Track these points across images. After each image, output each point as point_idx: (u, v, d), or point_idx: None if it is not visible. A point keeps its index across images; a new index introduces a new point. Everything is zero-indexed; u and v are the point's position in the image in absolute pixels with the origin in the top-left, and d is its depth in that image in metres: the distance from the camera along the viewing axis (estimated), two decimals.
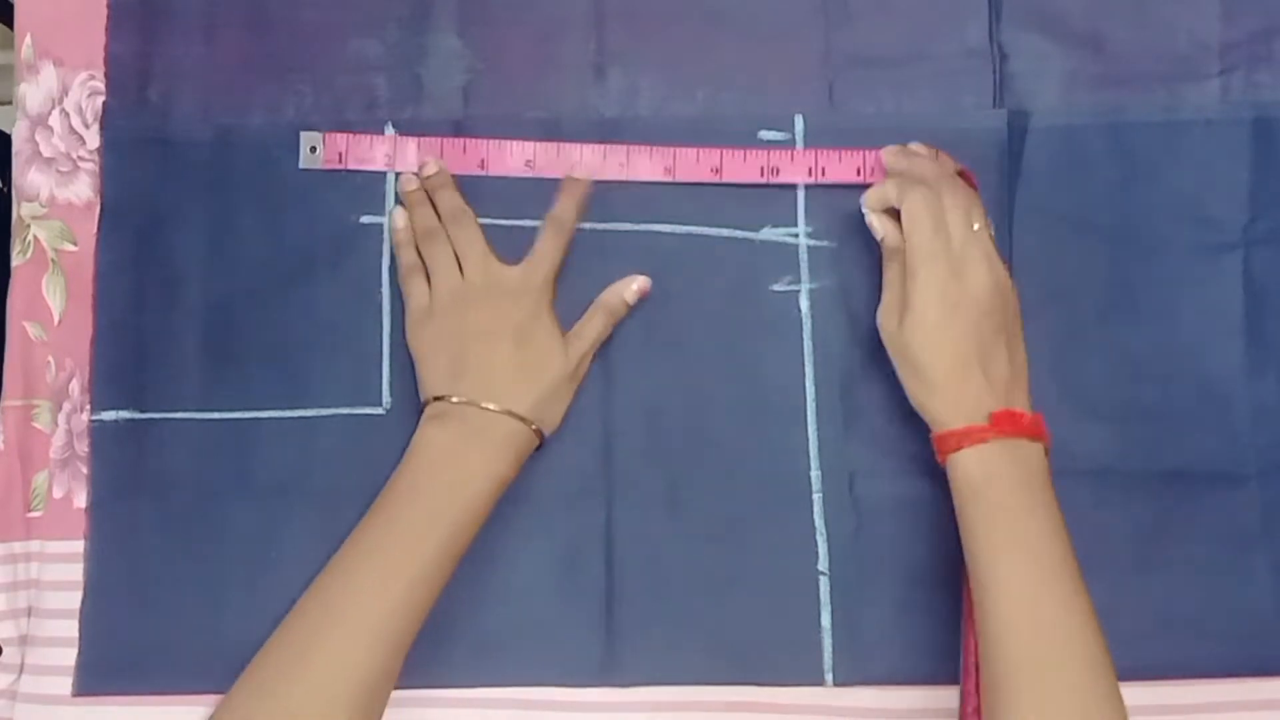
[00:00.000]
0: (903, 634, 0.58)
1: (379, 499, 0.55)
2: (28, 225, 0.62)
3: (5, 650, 0.59)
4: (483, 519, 0.55)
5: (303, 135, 0.61)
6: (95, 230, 0.61)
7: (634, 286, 0.59)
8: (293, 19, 0.62)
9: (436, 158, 0.61)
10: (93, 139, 0.62)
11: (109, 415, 0.60)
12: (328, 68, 0.62)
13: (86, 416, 0.60)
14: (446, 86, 0.62)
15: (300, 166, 0.61)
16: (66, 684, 0.58)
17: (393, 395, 0.60)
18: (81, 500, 0.60)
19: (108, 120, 0.62)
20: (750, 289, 0.60)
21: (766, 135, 0.61)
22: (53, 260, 0.61)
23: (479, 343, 0.57)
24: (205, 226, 0.61)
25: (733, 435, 0.60)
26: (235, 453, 0.60)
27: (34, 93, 0.62)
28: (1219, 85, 0.61)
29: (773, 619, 0.58)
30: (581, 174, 0.60)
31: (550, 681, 0.58)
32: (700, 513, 0.59)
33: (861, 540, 0.59)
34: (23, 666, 0.59)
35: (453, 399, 0.56)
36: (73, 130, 0.62)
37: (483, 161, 0.61)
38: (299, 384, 0.60)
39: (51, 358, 0.61)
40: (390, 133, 0.61)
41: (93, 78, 0.62)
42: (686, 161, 0.61)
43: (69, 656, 0.58)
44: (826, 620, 0.58)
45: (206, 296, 0.61)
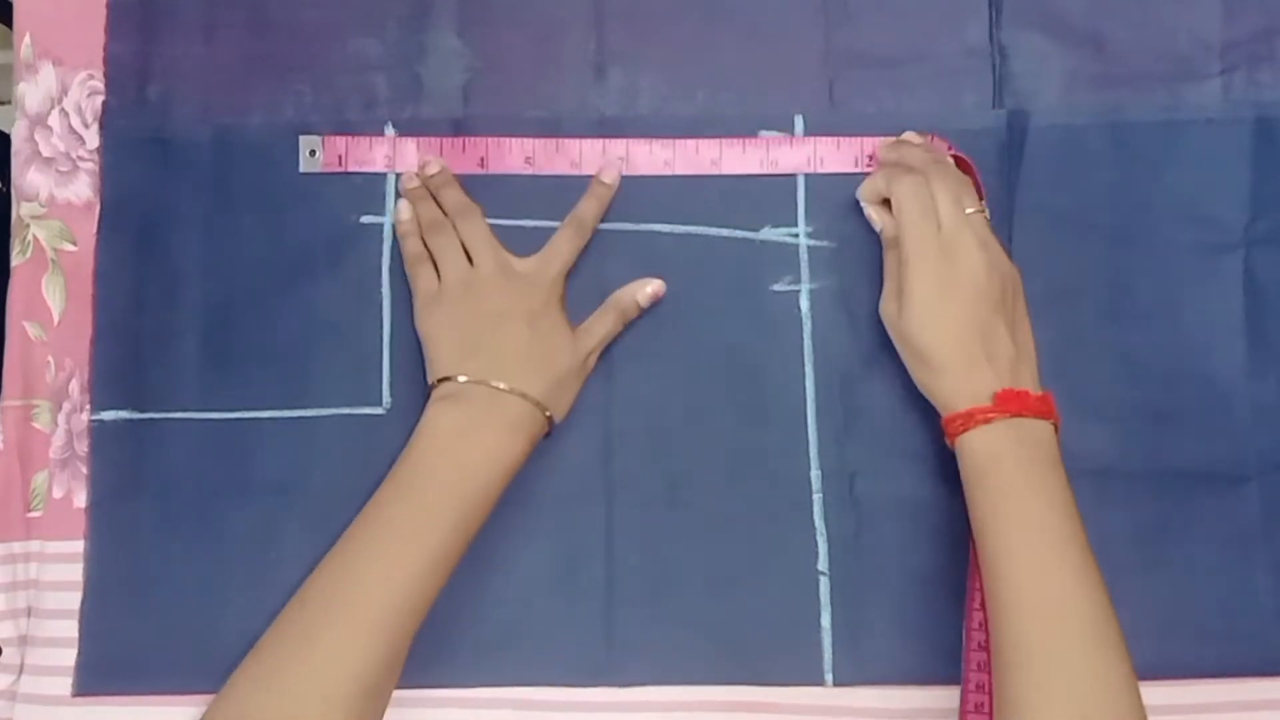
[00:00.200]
0: (903, 634, 0.58)
1: (385, 483, 0.54)
2: (27, 225, 0.62)
3: (5, 650, 0.59)
4: (493, 504, 0.54)
5: (302, 139, 0.61)
6: (95, 230, 0.61)
7: (648, 289, 0.59)
8: (293, 19, 0.62)
9: (437, 155, 0.61)
10: (92, 139, 0.62)
11: (109, 415, 0.60)
12: (327, 67, 0.62)
13: (86, 416, 0.60)
14: (446, 86, 0.62)
15: (300, 170, 0.61)
16: (66, 684, 0.58)
17: (393, 395, 0.60)
18: (81, 500, 0.60)
19: (107, 120, 0.62)
20: (750, 289, 0.60)
21: (766, 135, 0.61)
22: (52, 260, 0.61)
23: (492, 323, 0.56)
24: (205, 226, 0.61)
25: (733, 435, 0.60)
26: (235, 453, 0.60)
27: (33, 92, 0.62)
28: (1220, 85, 0.61)
29: (773, 619, 0.58)
30: (610, 178, 0.60)
31: (550, 681, 0.58)
32: (700, 513, 0.59)
33: (861, 540, 0.59)
34: (23, 666, 0.59)
35: (460, 378, 0.55)
36: (72, 130, 0.62)
37: (482, 159, 0.61)
38: (299, 384, 0.60)
39: (51, 358, 0.61)
40: (390, 133, 0.61)
41: (92, 77, 0.62)
42: (686, 154, 0.61)
43: (69, 656, 0.58)
44: (826, 620, 0.58)
45: (206, 296, 0.61)
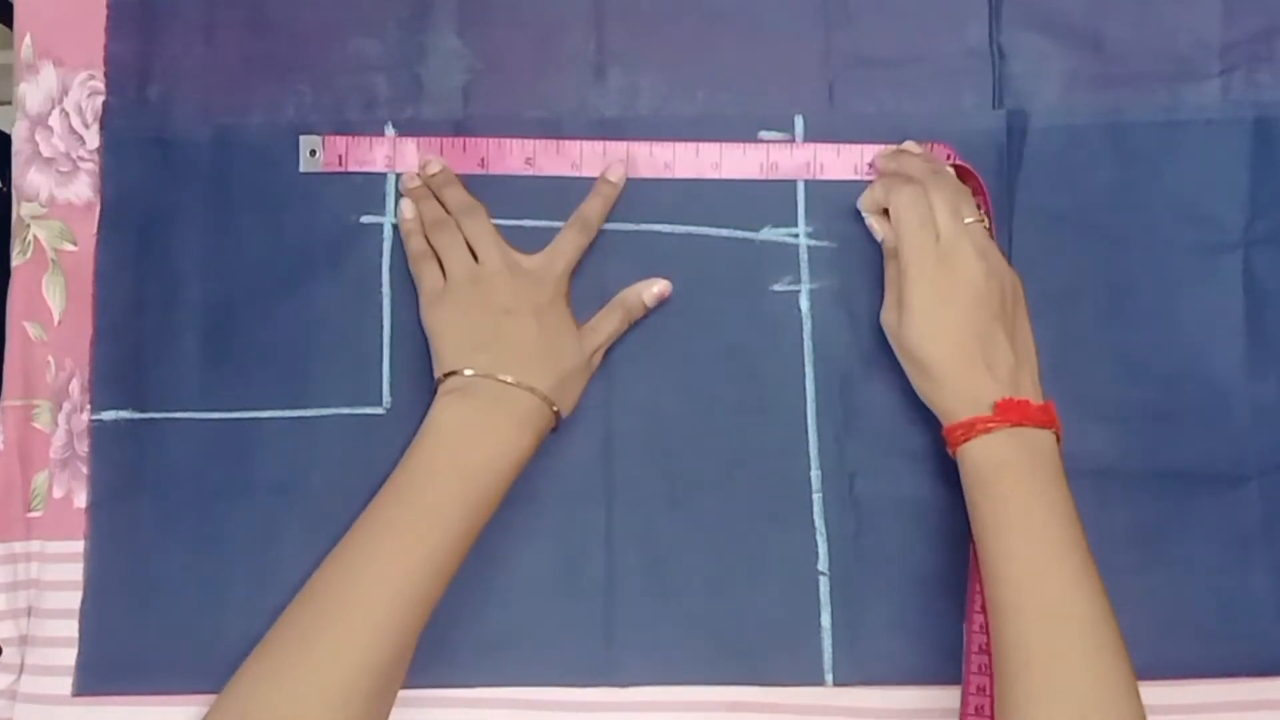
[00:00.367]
0: (903, 634, 0.58)
1: (391, 479, 0.54)
2: (28, 225, 0.62)
3: (5, 650, 0.59)
4: (499, 499, 0.54)
5: (302, 139, 0.61)
6: (95, 230, 0.61)
7: (654, 289, 0.59)
8: (293, 19, 0.62)
9: (437, 155, 0.61)
10: (93, 139, 0.62)
11: (109, 415, 0.60)
12: (327, 67, 0.62)
13: (86, 416, 0.60)
14: (446, 86, 0.62)
15: (300, 170, 0.61)
16: (66, 684, 0.58)
17: (393, 395, 0.60)
18: (81, 500, 0.60)
19: (108, 120, 0.62)
20: (750, 289, 0.60)
21: (766, 135, 0.61)
22: (53, 260, 0.61)
23: (499, 318, 0.56)
24: (205, 226, 0.61)
25: (733, 435, 0.60)
26: (235, 453, 0.60)
27: (34, 93, 0.62)
28: (1219, 85, 0.61)
29: (773, 619, 0.58)
30: (615, 177, 0.60)
31: (550, 681, 0.58)
32: (700, 513, 0.59)
33: (861, 540, 0.59)
34: (23, 666, 0.59)
35: (466, 371, 0.55)
36: (72, 130, 0.62)
37: (483, 160, 0.61)
38: (299, 384, 0.60)
39: (51, 358, 0.61)
40: (390, 133, 0.61)
41: (92, 78, 0.62)
42: (686, 158, 0.61)
43: (69, 656, 0.58)
44: (826, 620, 0.58)
45: (206, 296, 0.61)
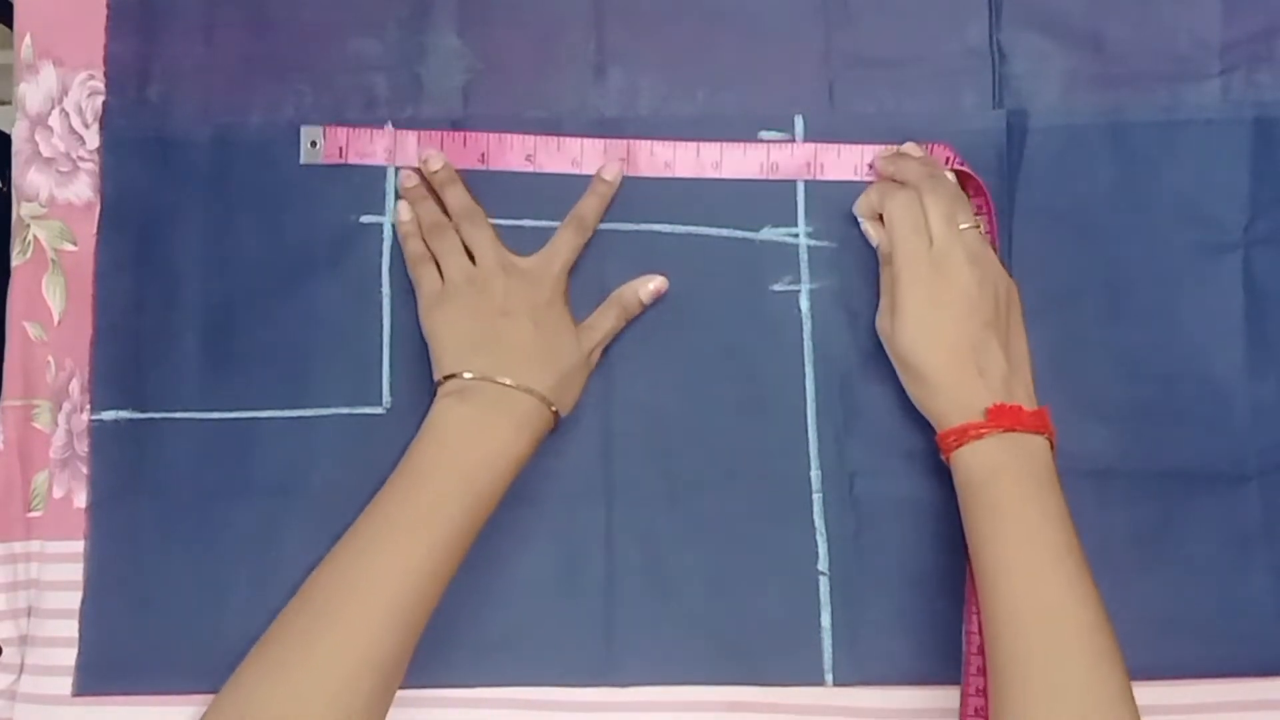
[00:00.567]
0: (903, 634, 0.58)
1: (391, 480, 0.54)
2: (28, 225, 0.62)
3: (5, 650, 0.59)
4: (498, 500, 0.54)
5: (303, 130, 0.61)
6: (95, 230, 0.61)
7: (650, 286, 0.59)
8: (292, 19, 0.62)
9: (439, 151, 0.61)
10: (93, 139, 0.62)
11: (109, 415, 0.60)
12: (327, 67, 0.62)
13: (86, 416, 0.60)
14: (446, 86, 0.62)
15: (301, 162, 0.61)
16: (66, 684, 0.58)
17: (393, 395, 0.60)
18: (81, 500, 0.60)
19: (108, 120, 0.62)
20: (750, 289, 0.60)
21: (766, 135, 0.61)
22: (53, 260, 0.61)
23: (497, 320, 0.56)
24: (205, 226, 0.61)
25: (733, 435, 0.60)
26: (235, 453, 0.60)
27: (34, 93, 0.62)
28: (1219, 85, 0.61)
29: (773, 619, 0.58)
30: (611, 175, 0.60)
31: (550, 681, 0.58)
32: (700, 513, 0.59)
33: (861, 540, 0.59)
34: (23, 666, 0.59)
35: (465, 374, 0.55)
36: (72, 130, 0.62)
37: (483, 156, 0.61)
38: (299, 384, 0.60)
39: (51, 358, 0.61)
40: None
41: (92, 78, 0.62)
42: (686, 157, 0.61)
43: (69, 656, 0.58)
44: (826, 620, 0.58)
45: (206, 296, 0.61)
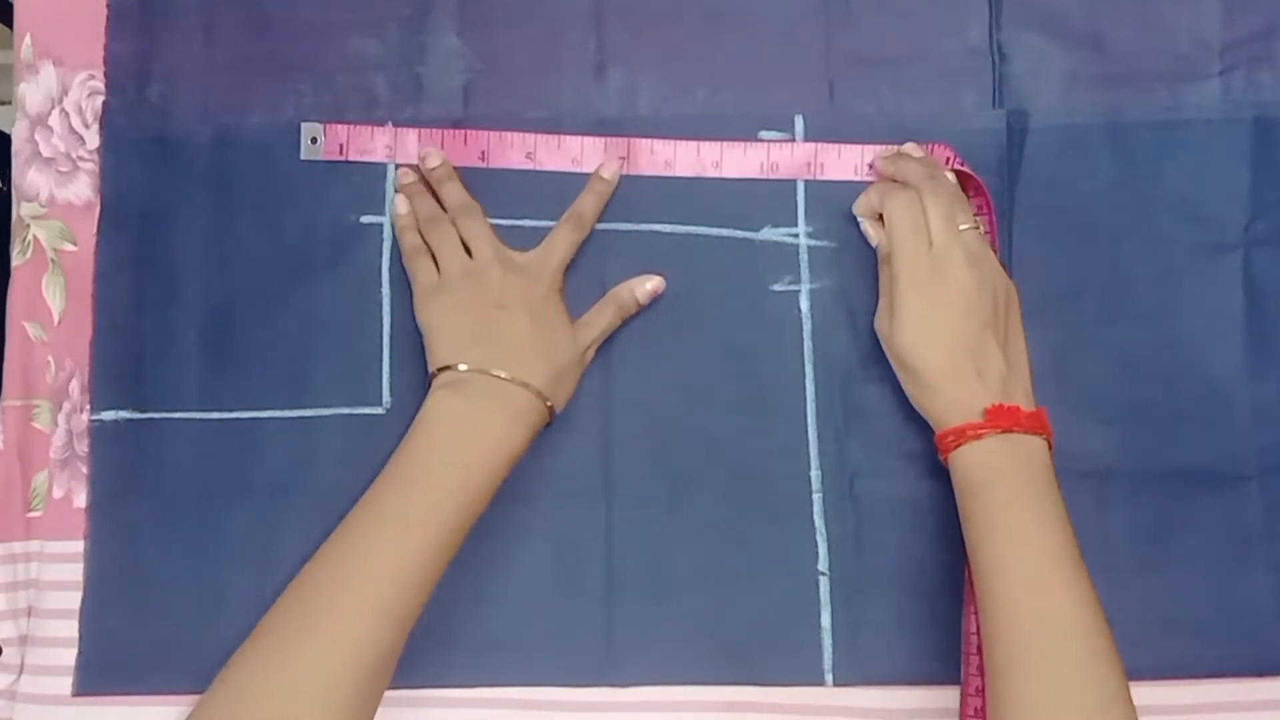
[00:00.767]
0: (903, 634, 0.58)
1: (385, 472, 0.53)
2: (27, 225, 0.62)
3: (5, 650, 0.59)
4: (493, 493, 0.54)
5: (304, 126, 0.61)
6: (95, 230, 0.61)
7: (648, 286, 0.59)
8: (292, 18, 0.62)
9: (437, 148, 0.61)
10: (92, 139, 0.62)
11: (109, 415, 0.60)
12: (327, 67, 0.62)
13: (86, 416, 0.60)
14: (446, 86, 0.62)
15: (301, 158, 0.61)
16: (66, 684, 0.58)
17: (393, 395, 0.60)
18: (81, 500, 0.60)
19: (107, 120, 0.62)
20: (750, 289, 0.60)
21: (767, 135, 0.61)
22: (53, 260, 0.61)
23: (493, 313, 0.56)
24: (205, 226, 0.61)
25: (733, 435, 0.60)
26: (235, 453, 0.60)
27: (34, 93, 0.62)
28: (1219, 85, 0.61)
29: (773, 619, 0.58)
30: (609, 173, 0.60)
31: (550, 681, 0.58)
32: (700, 513, 0.59)
33: (861, 540, 0.59)
34: (23, 666, 0.59)
35: (460, 366, 0.55)
36: (72, 130, 0.62)
37: (483, 154, 0.61)
38: (299, 384, 0.60)
39: (51, 358, 0.61)
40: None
41: (92, 78, 0.62)
42: (687, 155, 0.61)
43: (69, 656, 0.59)
44: (826, 620, 0.58)
45: (206, 296, 0.61)
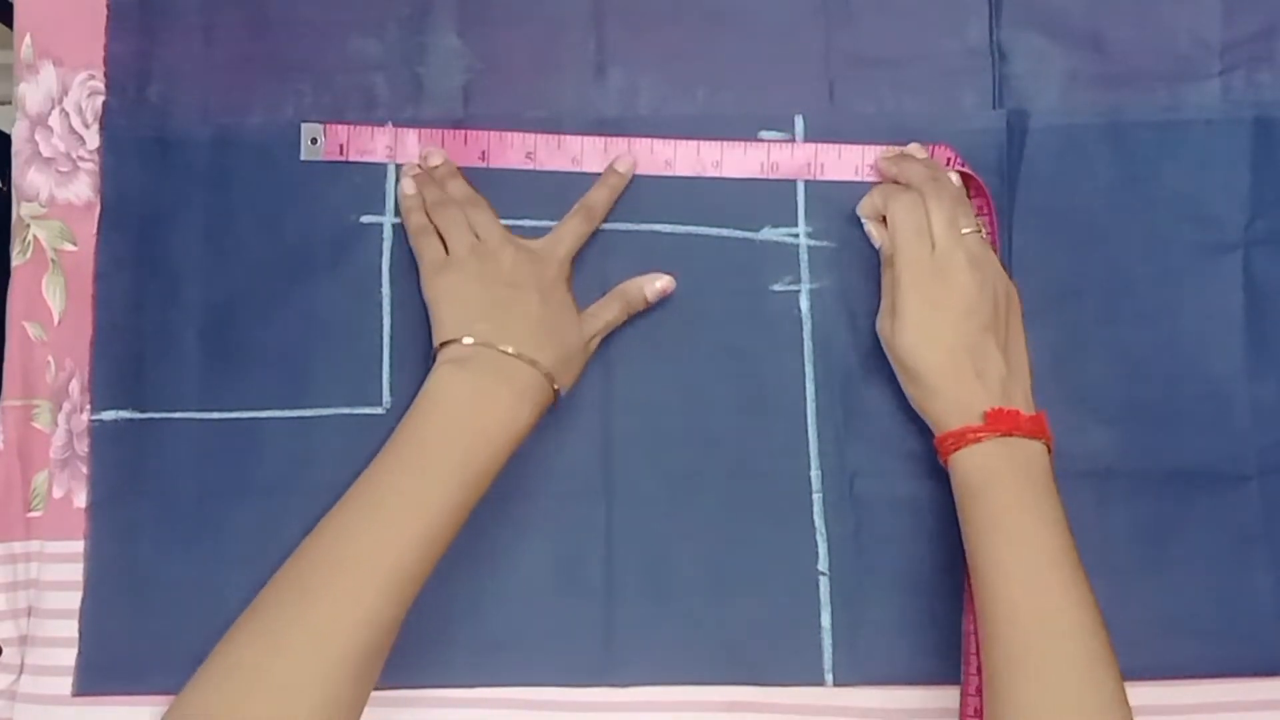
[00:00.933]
0: (903, 634, 0.58)
1: (389, 446, 0.53)
2: (27, 225, 0.62)
3: (5, 650, 0.59)
4: (497, 472, 0.53)
5: (304, 127, 0.61)
6: (95, 230, 0.61)
7: (658, 285, 0.59)
8: (292, 18, 0.62)
9: (439, 147, 0.61)
10: (93, 139, 0.62)
11: (109, 415, 0.60)
12: (327, 67, 0.62)
13: (86, 416, 0.60)
14: (446, 86, 0.62)
15: (301, 158, 0.61)
16: (66, 684, 0.58)
17: (393, 395, 0.60)
18: (81, 500, 0.60)
19: (108, 120, 0.62)
20: (750, 289, 0.60)
21: (767, 135, 0.61)
22: (53, 260, 0.61)
23: (504, 291, 0.55)
24: (205, 226, 0.61)
25: (733, 435, 0.60)
26: (235, 453, 0.60)
27: (34, 93, 0.62)
28: (1219, 85, 0.61)
29: (773, 619, 0.58)
30: (623, 167, 0.60)
31: (550, 681, 0.58)
32: (700, 513, 0.59)
33: (861, 540, 0.59)
34: (23, 666, 0.59)
35: (465, 340, 0.54)
36: (72, 130, 0.62)
37: (483, 153, 0.61)
38: (299, 384, 0.60)
39: (51, 358, 0.61)
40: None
41: (92, 78, 0.62)
42: (687, 156, 0.61)
43: (69, 656, 0.59)
44: (826, 620, 0.58)
45: (206, 296, 0.61)
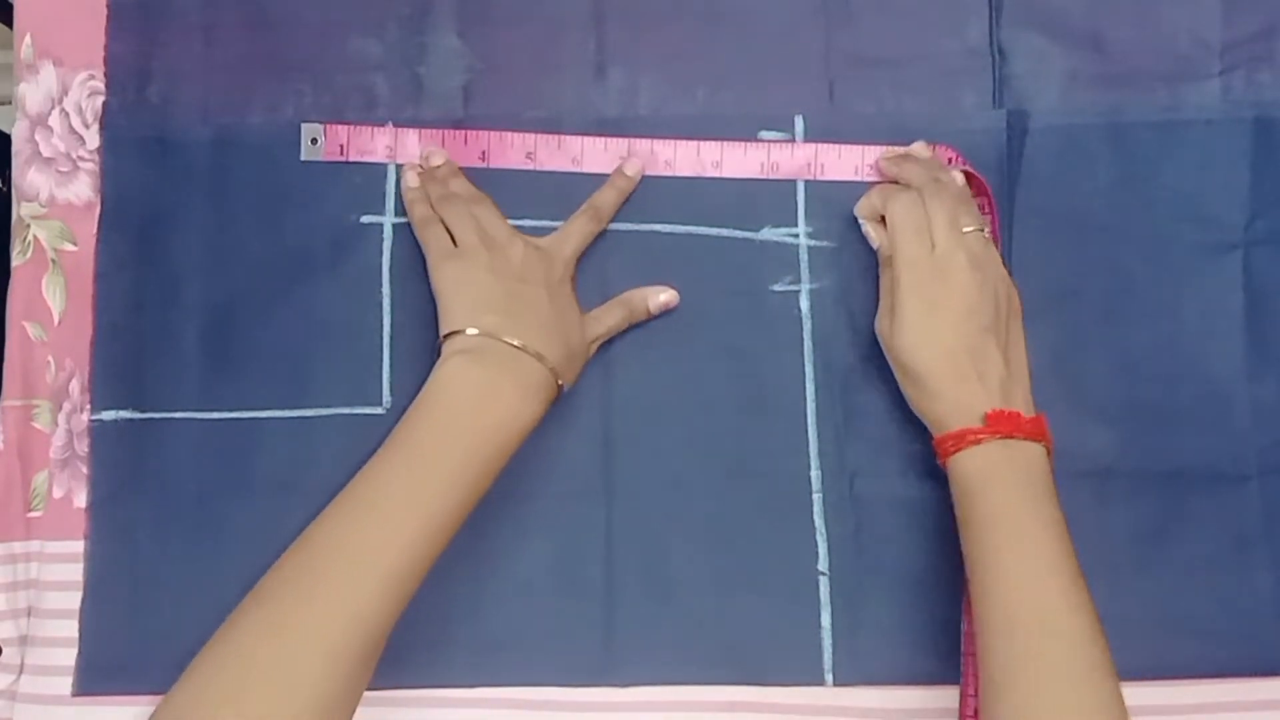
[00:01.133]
0: (903, 634, 0.58)
1: (396, 435, 0.52)
2: (28, 225, 0.62)
3: (5, 650, 0.59)
4: (503, 466, 0.53)
5: (304, 127, 0.61)
6: (95, 230, 0.61)
7: (661, 298, 0.59)
8: (292, 18, 0.62)
9: (440, 147, 0.61)
10: (93, 139, 0.62)
11: (109, 415, 0.60)
12: (327, 67, 0.62)
13: (86, 416, 0.60)
14: (446, 86, 0.62)
15: (301, 158, 0.61)
16: (66, 684, 0.58)
17: (393, 395, 0.60)
18: (81, 500, 0.60)
19: (108, 120, 0.62)
20: (750, 289, 0.60)
21: (767, 135, 0.61)
22: (53, 260, 0.61)
23: (513, 285, 0.55)
24: (205, 226, 0.61)
25: (733, 435, 0.60)
26: (235, 453, 0.60)
27: (34, 93, 0.62)
28: (1219, 85, 0.61)
29: (773, 619, 0.58)
30: (632, 170, 0.60)
31: (550, 681, 0.58)
32: (700, 513, 0.59)
33: (861, 540, 0.59)
34: (23, 666, 0.59)
35: (469, 330, 0.54)
36: (73, 130, 0.62)
37: (484, 153, 0.61)
38: (299, 384, 0.60)
39: (51, 358, 0.61)
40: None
41: (93, 78, 0.62)
42: (687, 156, 0.61)
43: (69, 656, 0.59)
44: (826, 620, 0.58)
45: (206, 296, 0.61)
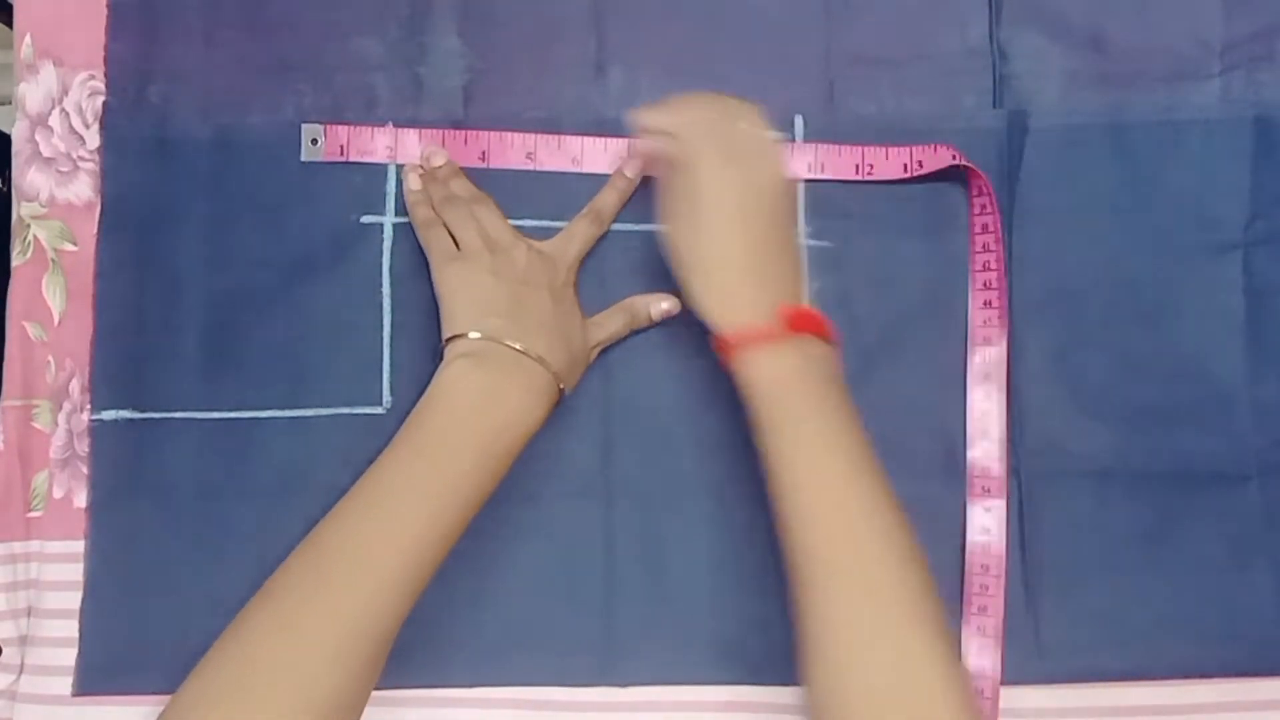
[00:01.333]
0: None
1: (406, 434, 0.52)
2: (28, 225, 0.62)
3: (5, 650, 0.59)
4: (508, 469, 0.52)
5: (304, 127, 0.61)
6: (95, 230, 0.61)
7: (664, 306, 0.59)
8: (292, 18, 0.62)
9: (440, 147, 0.61)
10: (93, 139, 0.62)
11: (109, 415, 0.60)
12: (327, 67, 0.62)
13: (86, 416, 0.60)
14: (446, 86, 0.62)
15: (302, 159, 0.61)
16: (66, 684, 0.58)
17: (393, 395, 0.60)
18: (81, 500, 0.60)
19: (108, 120, 0.62)
20: None
21: None
22: (53, 260, 0.61)
23: (520, 288, 0.55)
24: (205, 226, 0.61)
25: (732, 435, 0.59)
26: (235, 453, 0.60)
27: (34, 93, 0.62)
28: (1220, 85, 0.61)
29: (772, 619, 0.58)
30: (632, 171, 0.60)
31: (550, 681, 0.58)
32: (700, 513, 0.59)
33: None
34: (23, 666, 0.59)
35: (472, 334, 0.53)
36: (73, 130, 0.62)
37: (484, 154, 0.61)
38: (299, 384, 0.60)
39: (51, 358, 0.61)
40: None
41: (93, 78, 0.62)
42: None
43: (69, 656, 0.59)
44: None
45: (207, 296, 0.61)
